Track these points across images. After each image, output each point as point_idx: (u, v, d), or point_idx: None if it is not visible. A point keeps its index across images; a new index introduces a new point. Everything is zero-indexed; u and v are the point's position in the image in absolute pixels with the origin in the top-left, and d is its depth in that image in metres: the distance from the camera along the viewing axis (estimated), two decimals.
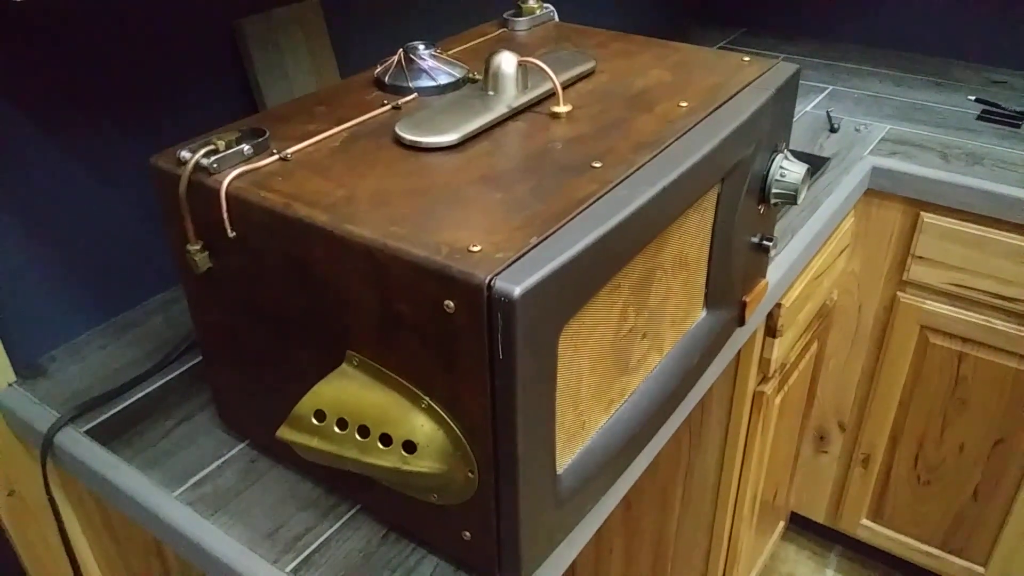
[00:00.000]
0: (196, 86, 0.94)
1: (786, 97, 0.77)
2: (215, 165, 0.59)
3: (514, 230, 0.52)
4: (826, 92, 1.50)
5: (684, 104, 0.69)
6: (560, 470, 0.60)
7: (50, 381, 0.85)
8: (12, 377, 0.84)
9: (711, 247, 0.74)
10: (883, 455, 1.49)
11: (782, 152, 0.78)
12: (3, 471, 0.85)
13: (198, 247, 0.62)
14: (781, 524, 1.60)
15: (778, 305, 1.06)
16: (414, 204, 0.55)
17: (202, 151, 0.60)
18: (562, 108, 0.67)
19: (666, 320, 0.70)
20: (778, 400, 1.20)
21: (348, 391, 0.57)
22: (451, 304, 0.49)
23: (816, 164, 1.22)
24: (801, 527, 1.82)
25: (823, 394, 1.51)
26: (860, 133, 1.34)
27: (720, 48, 1.73)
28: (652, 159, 0.60)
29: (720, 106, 0.69)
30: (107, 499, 0.76)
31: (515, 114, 0.67)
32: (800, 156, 1.25)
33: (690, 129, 0.65)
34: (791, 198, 0.78)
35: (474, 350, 0.50)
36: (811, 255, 1.10)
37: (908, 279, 1.31)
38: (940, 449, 1.43)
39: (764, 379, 1.14)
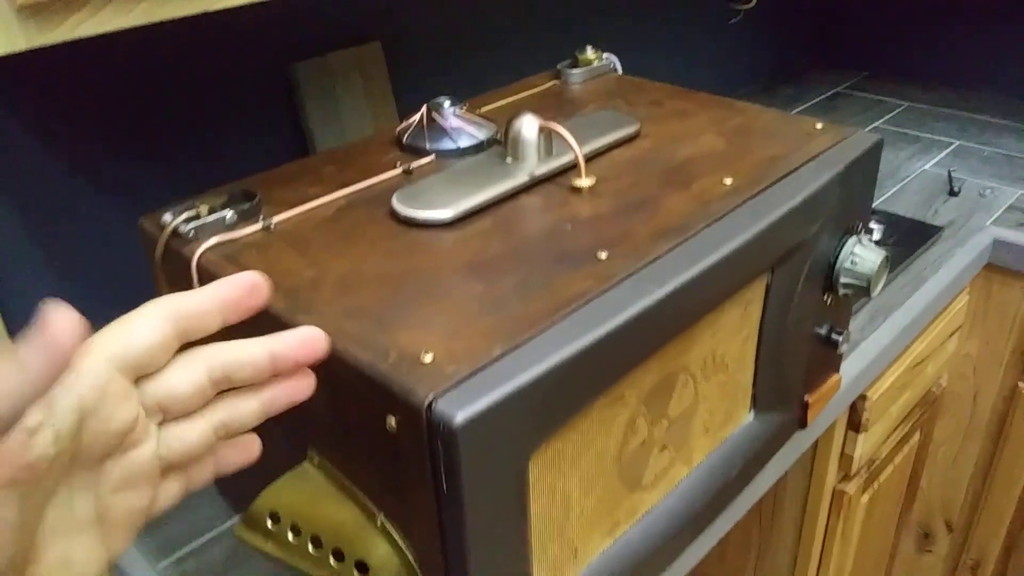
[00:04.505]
0: (248, 130, 0.91)
1: (864, 172, 0.66)
2: (192, 233, 0.55)
3: (479, 335, 0.44)
4: (951, 148, 1.34)
5: (728, 181, 0.60)
6: None
7: None
8: None
9: (759, 344, 0.64)
10: (995, 563, 1.30)
11: (857, 234, 0.67)
12: None
13: None
14: None
15: (863, 397, 0.93)
16: (381, 293, 0.49)
17: (182, 216, 0.56)
18: (584, 182, 0.59)
19: (695, 428, 0.61)
20: (865, 499, 1.06)
21: (305, 493, 0.51)
22: (392, 421, 0.42)
23: (926, 234, 1.08)
24: None
25: (929, 486, 1.34)
26: (985, 198, 1.18)
27: (836, 93, 1.59)
28: (670, 251, 0.51)
29: (771, 185, 0.59)
30: None
31: (533, 185, 0.60)
32: (907, 224, 1.11)
33: (727, 213, 0.56)
34: (863, 290, 0.66)
35: (419, 475, 0.42)
36: (908, 341, 0.96)
37: None
38: None
39: (846, 477, 1.00)
